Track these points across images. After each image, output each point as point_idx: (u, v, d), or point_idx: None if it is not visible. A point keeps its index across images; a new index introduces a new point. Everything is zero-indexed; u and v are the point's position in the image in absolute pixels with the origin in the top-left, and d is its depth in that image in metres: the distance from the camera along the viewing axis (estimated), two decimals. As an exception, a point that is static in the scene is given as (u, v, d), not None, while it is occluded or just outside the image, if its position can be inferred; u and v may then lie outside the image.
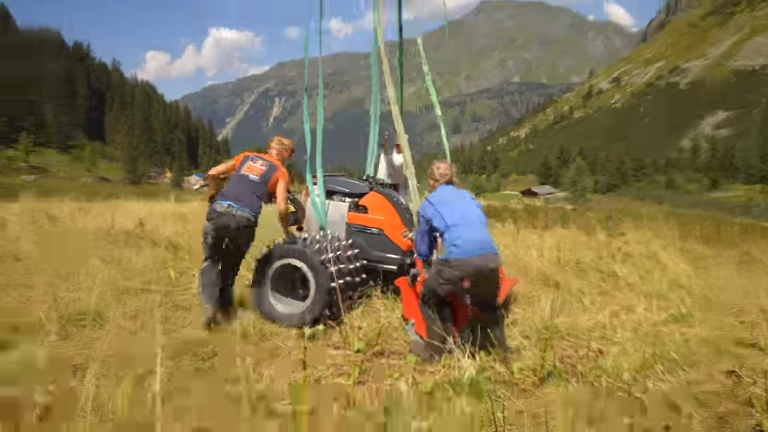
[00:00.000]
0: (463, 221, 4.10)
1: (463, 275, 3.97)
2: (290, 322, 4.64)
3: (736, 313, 5.55)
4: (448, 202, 4.25)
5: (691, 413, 3.27)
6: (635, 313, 5.34)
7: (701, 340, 4.60)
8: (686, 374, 3.87)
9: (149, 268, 6.45)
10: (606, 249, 9.13)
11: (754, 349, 4.49)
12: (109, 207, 14.23)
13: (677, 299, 5.76)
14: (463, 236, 4.00)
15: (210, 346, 4.01)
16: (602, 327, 4.88)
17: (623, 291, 6.39)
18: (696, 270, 7.48)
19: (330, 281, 4.62)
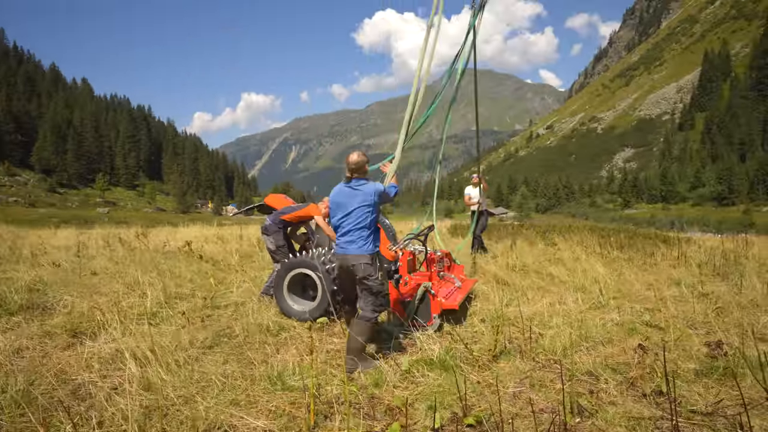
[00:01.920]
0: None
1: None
2: (302, 318, 4.61)
3: (641, 301, 5.57)
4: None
5: (607, 379, 3.27)
6: (566, 304, 5.33)
7: (616, 324, 4.60)
8: (604, 349, 3.87)
9: (195, 277, 6.40)
10: (544, 255, 9.17)
11: (655, 328, 4.51)
12: (164, 231, 14.12)
13: (596, 292, 5.77)
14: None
15: (241, 336, 3.97)
16: (541, 315, 4.87)
17: (557, 287, 6.40)
18: (611, 269, 7.52)
19: (333, 285, 4.61)
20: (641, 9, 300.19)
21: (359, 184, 3.63)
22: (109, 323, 4.08)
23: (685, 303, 5.43)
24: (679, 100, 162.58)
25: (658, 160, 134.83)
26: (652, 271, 7.61)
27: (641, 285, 6.39)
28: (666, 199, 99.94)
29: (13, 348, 3.53)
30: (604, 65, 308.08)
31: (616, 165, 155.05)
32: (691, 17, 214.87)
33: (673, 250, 9.37)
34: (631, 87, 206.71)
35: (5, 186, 73.62)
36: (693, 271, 7.34)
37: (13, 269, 6.79)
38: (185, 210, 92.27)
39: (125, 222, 17.32)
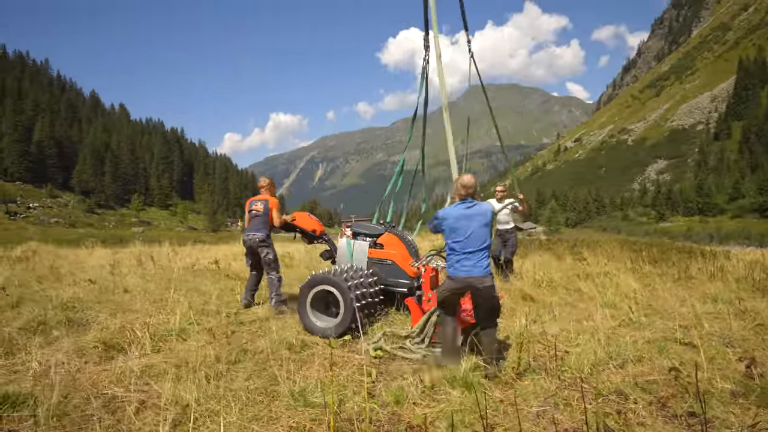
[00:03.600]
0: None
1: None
2: (325, 335, 4.64)
3: (675, 318, 5.38)
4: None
5: (637, 399, 3.17)
6: (594, 321, 5.20)
7: (646, 341, 4.46)
8: (634, 368, 3.75)
9: (222, 294, 6.53)
10: (572, 270, 8.98)
11: (689, 347, 4.34)
12: (195, 250, 14.49)
13: (627, 308, 5.61)
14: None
15: (264, 353, 4.03)
16: (568, 332, 4.77)
17: (585, 303, 6.25)
18: (643, 285, 7.30)
19: (355, 302, 4.64)
20: (670, 18, 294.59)
21: (474, 204, 3.76)
22: (140, 339, 4.22)
23: (721, 320, 5.22)
24: (714, 110, 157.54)
25: (693, 172, 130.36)
26: (686, 286, 7.35)
27: (675, 301, 6.16)
28: (703, 212, 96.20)
29: (50, 363, 3.68)
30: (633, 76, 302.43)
31: (649, 177, 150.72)
32: (724, 25, 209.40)
33: (710, 265, 9.03)
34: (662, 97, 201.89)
35: (48, 207, 77.16)
36: (731, 286, 7.05)
37: (52, 287, 7.10)
38: (216, 228, 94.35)
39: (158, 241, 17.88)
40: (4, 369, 3.58)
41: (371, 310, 5.01)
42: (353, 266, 5.31)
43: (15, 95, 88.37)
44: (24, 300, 5.78)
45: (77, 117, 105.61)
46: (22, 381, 3.33)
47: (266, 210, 5.96)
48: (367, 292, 4.95)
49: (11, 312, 5.25)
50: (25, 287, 7.04)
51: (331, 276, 4.78)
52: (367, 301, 4.87)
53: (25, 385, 3.22)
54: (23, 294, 6.21)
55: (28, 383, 3.27)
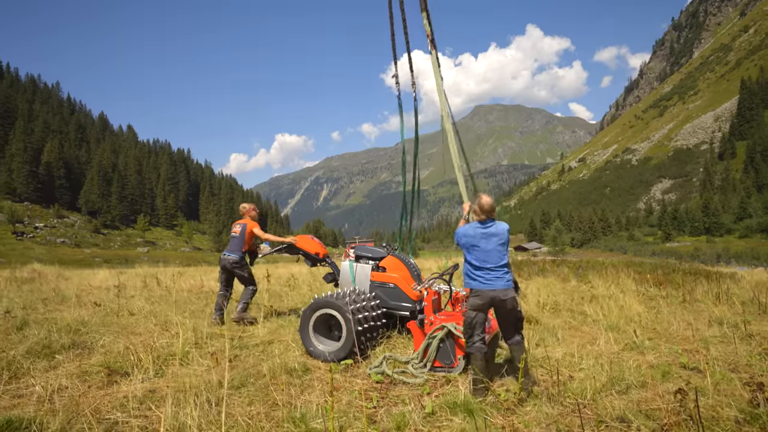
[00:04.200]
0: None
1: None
2: (327, 358, 4.64)
3: (679, 342, 5.34)
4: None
5: (640, 426, 3.15)
6: (598, 345, 5.18)
7: (651, 366, 4.43)
8: (638, 394, 3.73)
9: (225, 318, 6.55)
10: (576, 293, 8.94)
11: (694, 371, 4.31)
12: (199, 271, 14.53)
13: (631, 332, 5.57)
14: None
15: (266, 377, 4.04)
16: (571, 356, 4.74)
17: (589, 326, 6.23)
18: (647, 308, 7.26)
19: (357, 325, 4.65)
20: (671, 40, 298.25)
21: (492, 224, 3.93)
22: (143, 363, 4.24)
23: (727, 344, 5.18)
24: (717, 129, 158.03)
25: (698, 191, 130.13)
26: (692, 309, 7.31)
27: (679, 324, 6.13)
28: (710, 231, 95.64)
29: (54, 387, 3.71)
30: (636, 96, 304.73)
31: (654, 197, 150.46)
32: (725, 46, 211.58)
33: (715, 287, 8.96)
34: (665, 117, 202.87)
35: (54, 227, 77.82)
36: (737, 309, 7.01)
37: (57, 309, 7.15)
38: (220, 249, 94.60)
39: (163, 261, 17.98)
40: (8, 393, 3.60)
41: (373, 333, 5.02)
42: (356, 289, 5.33)
43: (26, 117, 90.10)
44: (29, 323, 5.82)
45: (86, 138, 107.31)
46: (26, 406, 3.36)
47: (243, 233, 6.41)
48: (370, 316, 4.96)
49: (16, 335, 5.29)
50: (30, 309, 7.10)
51: (333, 299, 4.80)
52: (369, 325, 4.88)
53: (29, 409, 3.24)
54: (28, 316, 6.25)
55: (31, 408, 3.29)
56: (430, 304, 4.87)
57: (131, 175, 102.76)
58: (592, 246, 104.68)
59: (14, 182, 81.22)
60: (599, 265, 14.02)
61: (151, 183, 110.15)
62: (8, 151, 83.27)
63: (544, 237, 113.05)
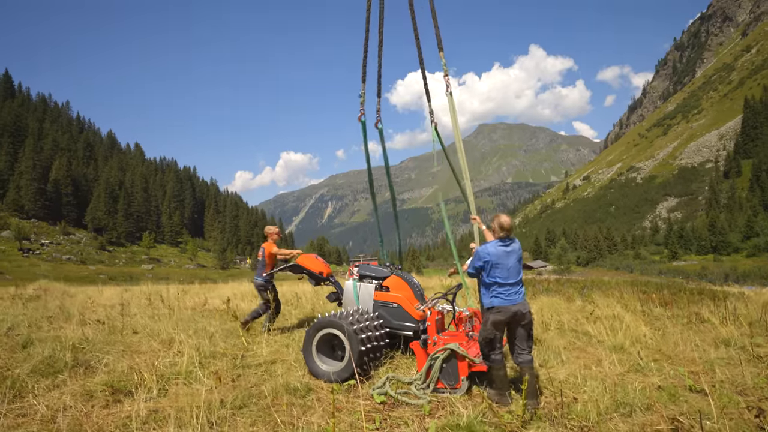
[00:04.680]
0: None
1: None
2: (330, 379, 4.63)
3: (685, 364, 5.29)
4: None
5: (644, 450, 3.12)
6: (602, 366, 5.14)
7: (656, 388, 4.39)
8: (642, 417, 3.69)
9: (228, 337, 6.55)
10: (581, 312, 8.87)
11: (700, 394, 4.26)
12: (203, 288, 14.55)
13: (636, 353, 5.53)
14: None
15: (268, 397, 4.03)
16: (575, 377, 4.71)
17: (594, 347, 6.17)
18: (653, 328, 7.20)
19: (360, 345, 4.65)
20: (674, 59, 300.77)
21: (511, 242, 4.16)
22: (147, 382, 4.24)
23: (734, 366, 5.13)
24: (722, 148, 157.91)
25: (704, 209, 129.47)
26: (698, 329, 7.23)
27: (685, 345, 6.07)
28: (717, 250, 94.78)
29: (57, 406, 3.72)
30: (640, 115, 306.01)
31: (660, 215, 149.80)
32: (727, 65, 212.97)
33: (722, 307, 8.88)
34: (669, 136, 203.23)
35: (60, 244, 78.25)
36: (744, 330, 6.93)
37: (62, 327, 7.17)
38: (224, 266, 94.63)
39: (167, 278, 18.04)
40: (13, 412, 3.62)
41: (376, 353, 5.00)
42: (359, 309, 5.34)
43: (36, 135, 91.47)
44: (34, 340, 5.85)
45: (94, 156, 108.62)
46: (30, 425, 3.37)
47: (263, 256, 6.77)
48: (373, 336, 4.96)
49: (21, 353, 5.31)
50: (35, 327, 7.13)
51: (337, 319, 4.81)
52: (372, 345, 4.87)
53: (32, 429, 3.26)
54: (33, 334, 6.28)
55: (35, 427, 3.31)
56: (433, 325, 4.87)
57: (137, 193, 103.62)
58: (597, 264, 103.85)
59: (22, 199, 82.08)
60: (604, 284, 13.92)
61: (157, 200, 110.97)
62: (17, 168, 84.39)
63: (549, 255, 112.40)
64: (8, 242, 68.82)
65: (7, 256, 63.77)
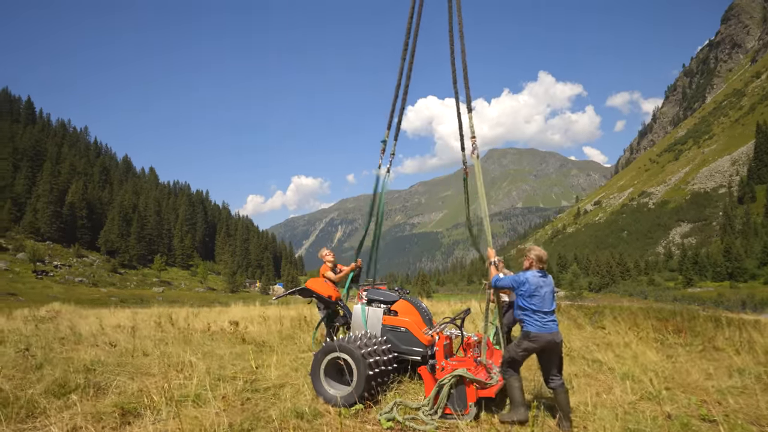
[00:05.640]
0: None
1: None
2: (337, 403, 4.62)
3: (698, 392, 5.20)
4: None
5: (655, 480, 3.07)
6: (613, 394, 5.07)
7: (667, 417, 4.32)
8: (654, 446, 3.64)
9: (237, 360, 6.58)
10: (591, 339, 8.76)
11: (713, 424, 4.19)
12: (213, 312, 14.62)
13: (648, 381, 5.45)
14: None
15: (276, 421, 4.04)
16: (585, 405, 4.65)
17: (605, 374, 6.09)
18: (665, 356, 7.08)
19: (368, 370, 4.65)
20: (683, 85, 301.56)
21: (546, 275, 4.37)
22: (156, 404, 4.28)
23: (748, 396, 5.03)
24: (735, 173, 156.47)
25: (719, 235, 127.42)
26: (712, 358, 7.10)
27: (699, 374, 5.97)
28: (733, 277, 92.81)
29: (68, 427, 3.77)
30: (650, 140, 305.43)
31: (673, 240, 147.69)
32: (738, 91, 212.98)
33: (737, 335, 8.71)
34: (681, 161, 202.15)
35: (73, 266, 79.18)
36: (759, 359, 6.80)
37: (74, 348, 7.27)
38: (234, 289, 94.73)
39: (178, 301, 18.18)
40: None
41: (384, 378, 5.00)
42: (367, 333, 5.36)
43: (54, 160, 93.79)
44: (47, 362, 5.93)
45: (109, 180, 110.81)
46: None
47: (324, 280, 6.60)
48: (381, 360, 4.96)
49: (34, 374, 5.39)
50: (47, 349, 7.23)
51: (345, 343, 4.83)
52: (380, 369, 4.87)
53: (45, 449, 3.31)
54: (46, 356, 6.38)
55: (47, 448, 3.36)
56: (441, 349, 4.86)
57: (150, 216, 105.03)
58: (610, 290, 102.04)
59: (38, 222, 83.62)
60: (616, 310, 13.73)
61: (169, 223, 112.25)
62: (35, 192, 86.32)
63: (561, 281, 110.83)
64: (23, 264, 69.82)
65: (22, 277, 64.62)
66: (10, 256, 70.70)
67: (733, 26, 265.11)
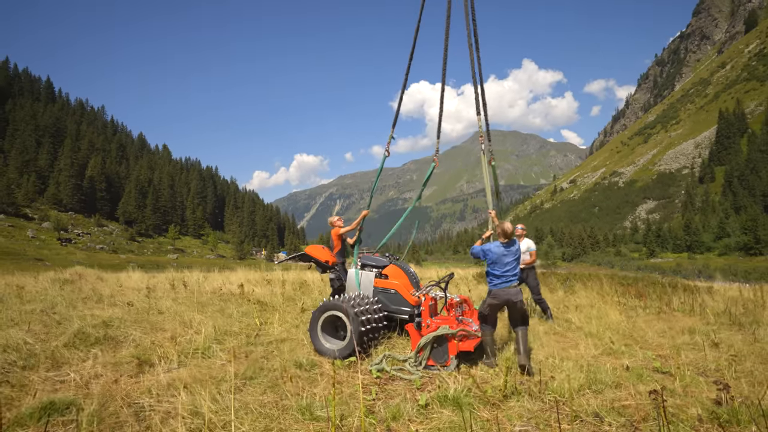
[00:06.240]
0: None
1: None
2: (333, 356, 4.70)
3: (654, 348, 5.32)
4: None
5: (611, 422, 3.16)
6: (578, 349, 5.18)
7: (625, 369, 4.43)
8: (612, 393, 3.73)
9: (243, 318, 6.63)
10: (562, 302, 8.90)
11: (665, 375, 4.30)
12: (222, 276, 14.64)
13: (609, 338, 5.56)
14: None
15: (277, 371, 4.10)
16: (553, 358, 4.75)
17: (573, 332, 6.21)
18: (627, 317, 7.22)
19: (361, 327, 4.71)
20: (655, 74, 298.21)
21: (512, 245, 4.67)
22: (169, 356, 4.32)
23: (697, 351, 5.16)
24: (698, 155, 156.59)
25: (680, 212, 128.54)
26: (667, 318, 7.25)
27: (654, 332, 6.10)
28: (691, 249, 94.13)
29: (90, 374, 3.81)
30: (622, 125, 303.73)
31: (639, 216, 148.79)
32: (704, 80, 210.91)
33: (691, 299, 8.88)
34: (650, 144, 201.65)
35: (95, 235, 78.75)
36: (709, 319, 6.95)
37: (95, 307, 7.27)
38: (242, 257, 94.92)
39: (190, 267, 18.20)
40: (50, 380, 3.70)
41: (375, 334, 5.07)
42: (360, 294, 5.40)
43: (74, 137, 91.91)
44: (69, 318, 5.94)
45: (126, 156, 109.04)
46: (66, 390, 3.46)
47: (330, 241, 6.41)
48: (372, 318, 5.02)
49: (58, 329, 5.41)
50: (71, 307, 7.23)
51: (340, 303, 4.87)
52: (371, 326, 4.93)
53: (68, 394, 3.34)
54: (68, 313, 6.38)
55: (70, 392, 3.39)
56: (427, 309, 4.92)
57: (164, 189, 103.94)
58: (581, 260, 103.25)
59: (61, 194, 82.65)
60: (586, 276, 13.92)
61: (182, 196, 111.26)
62: (57, 166, 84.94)
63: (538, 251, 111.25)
64: (48, 232, 69.34)
65: (47, 244, 64.28)
66: (36, 225, 70.14)
67: (703, 19, 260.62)
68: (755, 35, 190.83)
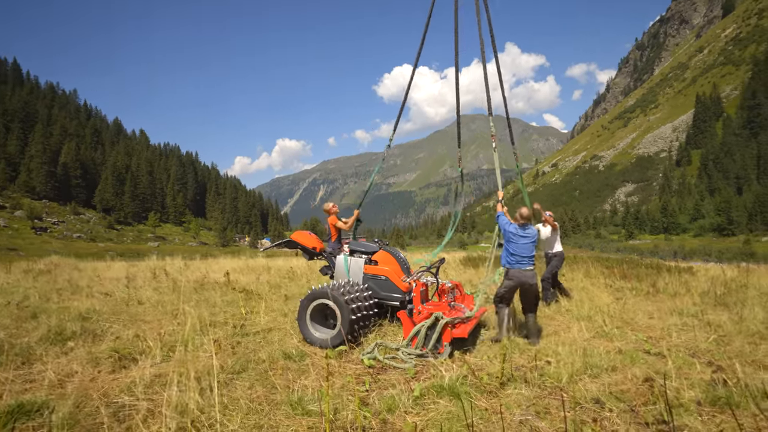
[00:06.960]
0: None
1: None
2: (322, 345, 4.56)
3: (645, 330, 5.33)
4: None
5: (611, 407, 3.11)
6: (571, 332, 5.15)
7: (618, 352, 4.41)
8: (608, 377, 3.69)
9: (228, 307, 6.42)
10: (550, 285, 8.90)
11: (658, 357, 4.29)
12: (204, 264, 14.32)
13: (600, 321, 5.55)
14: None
15: (266, 362, 3.94)
16: (547, 343, 4.71)
17: (563, 316, 6.20)
18: (615, 299, 7.26)
19: (351, 315, 4.57)
20: (635, 58, 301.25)
21: (528, 228, 4.92)
22: (151, 349, 4.11)
23: (687, 332, 5.18)
24: (675, 139, 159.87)
25: (658, 194, 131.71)
26: (654, 300, 7.32)
27: (644, 314, 6.13)
28: (668, 230, 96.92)
29: (65, 372, 3.58)
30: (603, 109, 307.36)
31: (619, 199, 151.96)
32: (682, 64, 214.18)
33: (675, 280, 9.01)
34: (629, 128, 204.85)
35: (71, 223, 76.54)
36: (695, 300, 7.03)
37: (71, 299, 6.96)
38: (225, 244, 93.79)
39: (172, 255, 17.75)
40: (21, 378, 3.47)
41: (366, 322, 4.93)
42: (350, 281, 5.25)
43: (45, 122, 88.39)
44: (43, 311, 5.65)
45: (101, 141, 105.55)
46: (38, 390, 3.23)
47: (328, 229, 6.13)
48: (363, 306, 4.88)
49: (30, 323, 5.12)
50: (44, 299, 6.90)
51: (329, 290, 4.72)
52: (362, 314, 4.79)
53: (40, 394, 3.12)
54: (43, 306, 6.07)
55: (43, 392, 3.17)
56: (418, 295, 4.81)
57: (143, 176, 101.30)
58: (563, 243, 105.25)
59: (33, 181, 79.72)
60: (571, 260, 14.05)
61: (161, 183, 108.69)
62: (28, 152, 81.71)
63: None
64: (21, 221, 67.06)
65: (21, 234, 62.23)
66: (7, 214, 67.67)
67: (682, 3, 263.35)
68: (732, 20, 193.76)
